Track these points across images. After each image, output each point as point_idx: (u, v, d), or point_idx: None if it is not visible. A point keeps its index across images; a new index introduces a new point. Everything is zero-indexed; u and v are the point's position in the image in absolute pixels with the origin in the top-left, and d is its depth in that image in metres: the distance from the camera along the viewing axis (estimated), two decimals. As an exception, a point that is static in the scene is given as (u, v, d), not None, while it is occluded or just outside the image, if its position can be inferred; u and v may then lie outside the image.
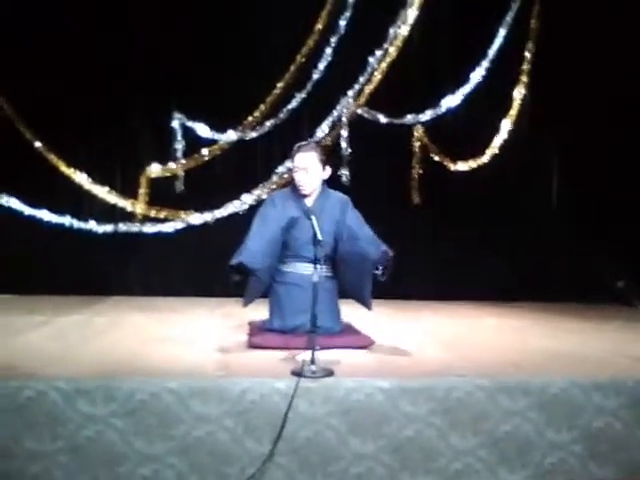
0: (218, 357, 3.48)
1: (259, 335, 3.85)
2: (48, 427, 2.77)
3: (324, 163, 3.93)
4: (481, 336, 4.44)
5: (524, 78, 6.56)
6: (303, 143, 4.02)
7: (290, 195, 4.00)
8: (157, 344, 3.80)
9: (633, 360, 3.62)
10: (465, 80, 6.44)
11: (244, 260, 3.66)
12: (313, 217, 3.39)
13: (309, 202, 3.94)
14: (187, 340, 3.98)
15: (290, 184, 4.10)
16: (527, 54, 6.55)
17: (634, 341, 4.38)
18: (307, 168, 3.88)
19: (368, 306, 3.91)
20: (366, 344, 3.79)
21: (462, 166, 6.50)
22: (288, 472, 2.84)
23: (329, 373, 3.02)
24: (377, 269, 3.75)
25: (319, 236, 3.30)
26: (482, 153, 6.51)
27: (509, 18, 6.53)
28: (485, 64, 6.46)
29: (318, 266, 3.27)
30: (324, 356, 3.22)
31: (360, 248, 3.78)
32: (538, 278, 6.28)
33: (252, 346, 3.71)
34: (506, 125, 6.55)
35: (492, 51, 6.48)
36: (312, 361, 3.01)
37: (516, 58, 6.54)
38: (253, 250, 3.73)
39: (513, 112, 6.55)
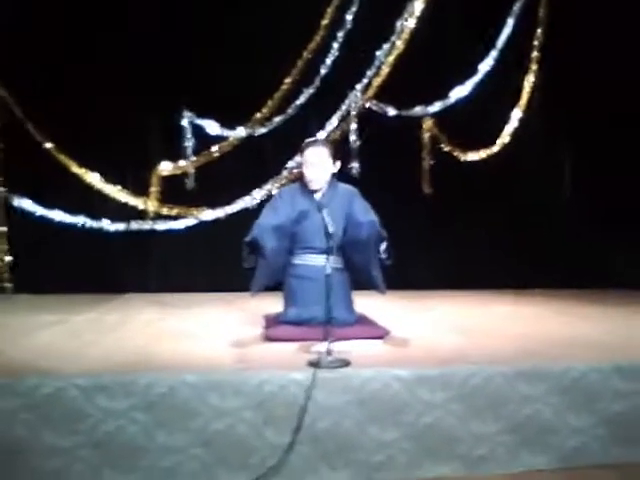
0: (235, 350, 3.48)
1: (274, 328, 3.86)
2: (67, 423, 2.78)
3: (334, 158, 3.94)
4: (496, 324, 4.42)
5: (533, 66, 6.54)
6: (312, 140, 4.04)
7: (299, 189, 4.02)
8: (172, 339, 3.81)
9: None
10: (474, 70, 6.43)
11: (257, 235, 3.65)
12: (324, 210, 3.39)
13: (318, 195, 3.95)
14: (203, 335, 3.99)
15: (299, 179, 4.11)
16: (536, 42, 6.52)
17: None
18: (317, 163, 3.89)
19: (381, 290, 3.86)
20: (381, 334, 3.78)
21: (473, 156, 6.48)
22: (308, 462, 2.84)
23: (346, 363, 3.02)
24: (380, 253, 3.72)
25: (330, 228, 3.30)
26: (493, 143, 6.49)
27: (517, 7, 6.50)
28: (494, 54, 6.44)
29: (330, 258, 3.27)
30: (340, 347, 3.22)
31: (363, 233, 3.76)
32: (552, 265, 6.25)
33: (268, 339, 3.71)
34: (516, 114, 6.52)
35: (500, 41, 6.47)
36: (328, 352, 3.01)
37: (525, 47, 6.52)
38: (263, 226, 3.73)
39: (523, 101, 6.53)
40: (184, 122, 6.24)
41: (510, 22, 6.48)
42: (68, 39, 5.87)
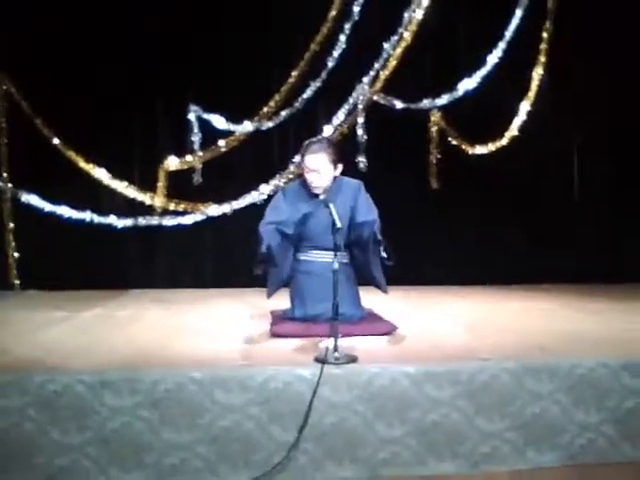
0: (241, 347, 3.48)
1: (281, 324, 3.85)
2: (75, 420, 2.79)
3: (335, 162, 3.89)
4: (505, 319, 4.40)
5: (542, 58, 6.46)
6: (313, 141, 3.96)
7: (303, 187, 3.98)
8: (180, 335, 3.81)
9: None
10: (482, 63, 6.36)
11: (268, 244, 3.60)
12: (331, 205, 3.37)
13: (321, 194, 3.91)
14: (209, 330, 3.99)
15: (302, 176, 4.07)
16: (545, 34, 6.45)
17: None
18: (318, 170, 3.85)
19: (382, 288, 3.88)
20: (388, 330, 3.77)
21: (481, 149, 6.43)
22: (314, 458, 2.83)
23: (352, 359, 3.02)
24: (380, 252, 3.69)
25: (338, 224, 3.28)
26: (501, 136, 6.43)
27: (525, -1, 6.44)
28: (502, 46, 6.37)
29: (338, 253, 3.26)
30: (347, 343, 3.21)
31: (365, 233, 3.74)
32: (562, 260, 6.20)
33: (274, 335, 3.71)
34: (525, 107, 6.46)
35: (509, 32, 6.39)
36: (335, 348, 3.00)
37: (533, 39, 6.44)
38: (271, 234, 3.71)
39: (532, 93, 6.46)
40: (191, 116, 6.22)
41: (518, 13, 6.40)
42: (76, 34, 5.87)
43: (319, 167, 3.84)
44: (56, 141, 6.10)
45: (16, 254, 6.14)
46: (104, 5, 5.89)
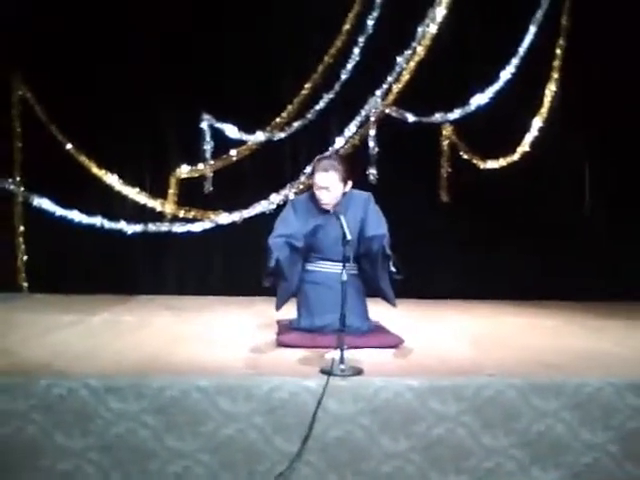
0: (247, 355, 3.49)
1: (287, 334, 3.85)
2: (79, 424, 2.80)
3: (345, 180, 3.90)
4: (511, 335, 4.37)
5: (555, 75, 6.45)
6: (324, 156, 4.02)
7: (311, 201, 3.98)
8: (186, 342, 3.82)
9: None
10: (495, 78, 6.36)
11: (277, 258, 3.61)
12: (342, 217, 3.38)
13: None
14: (216, 338, 4.00)
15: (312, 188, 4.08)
16: (558, 51, 6.45)
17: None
18: (328, 187, 3.86)
19: (391, 302, 3.88)
20: (395, 343, 3.76)
21: (492, 164, 6.43)
22: (317, 470, 2.83)
23: (358, 372, 3.01)
24: (390, 266, 3.68)
25: (348, 236, 3.29)
26: (513, 151, 6.42)
27: (539, 15, 6.44)
28: (515, 62, 6.37)
29: (347, 265, 3.26)
30: (353, 355, 3.21)
31: (374, 247, 3.74)
32: (568, 277, 6.17)
33: (280, 345, 3.71)
34: (537, 123, 6.46)
35: (522, 49, 6.39)
36: (341, 360, 3.00)
37: (547, 55, 6.44)
38: (280, 246, 3.71)
39: (544, 110, 6.45)
40: (203, 125, 6.26)
41: (532, 30, 6.41)
42: (92, 41, 5.92)
43: (329, 185, 3.85)
44: (69, 146, 6.14)
45: (25, 257, 6.18)
46: (122, 12, 5.94)
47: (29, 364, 3.17)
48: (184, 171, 6.31)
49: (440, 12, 6.36)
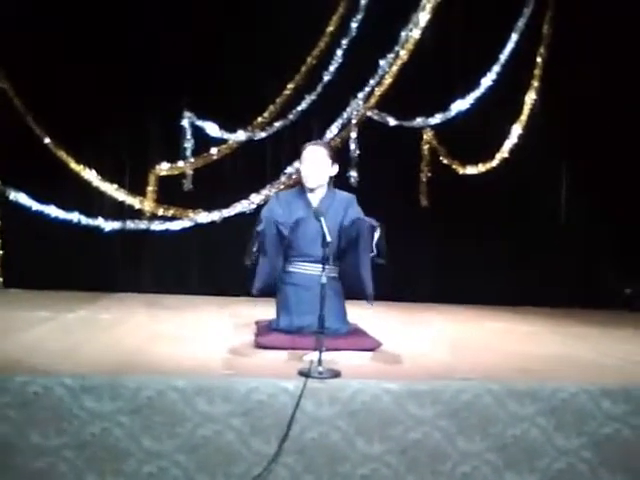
0: (225, 356, 3.47)
1: (266, 335, 3.84)
2: (54, 423, 2.75)
3: (333, 160, 3.94)
4: (488, 340, 4.42)
5: (535, 83, 6.54)
6: (313, 141, 4.07)
7: (296, 195, 4.00)
8: (164, 341, 3.79)
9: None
10: (476, 84, 6.43)
11: (266, 225, 3.62)
12: (322, 218, 3.38)
13: (315, 202, 3.93)
14: (194, 338, 3.98)
15: (297, 185, 4.09)
16: (539, 59, 6.53)
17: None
18: (314, 161, 3.89)
19: (369, 298, 3.70)
20: (373, 346, 3.76)
21: (471, 170, 6.49)
22: (294, 472, 2.82)
23: (336, 374, 3.01)
24: (372, 250, 3.66)
25: (328, 237, 3.28)
26: (492, 157, 6.49)
27: (521, 23, 6.51)
28: (496, 69, 6.44)
29: (326, 267, 3.25)
30: (331, 357, 3.21)
31: (353, 231, 3.70)
32: (545, 283, 6.25)
33: (258, 346, 3.69)
34: (516, 130, 6.53)
35: (504, 56, 6.47)
36: (319, 362, 3.00)
37: (528, 63, 6.53)
38: (270, 219, 3.71)
39: (524, 117, 6.54)
40: (184, 123, 6.23)
41: (514, 38, 6.49)
42: (71, 35, 5.89)
43: (317, 158, 3.88)
44: (47, 140, 6.07)
45: (0, 252, 6.10)
46: (102, 7, 5.89)
47: (3, 361, 3.11)
48: (164, 168, 6.28)
49: (424, 17, 6.41)
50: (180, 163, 6.27)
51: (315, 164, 3.89)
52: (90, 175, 6.18)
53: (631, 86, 6.20)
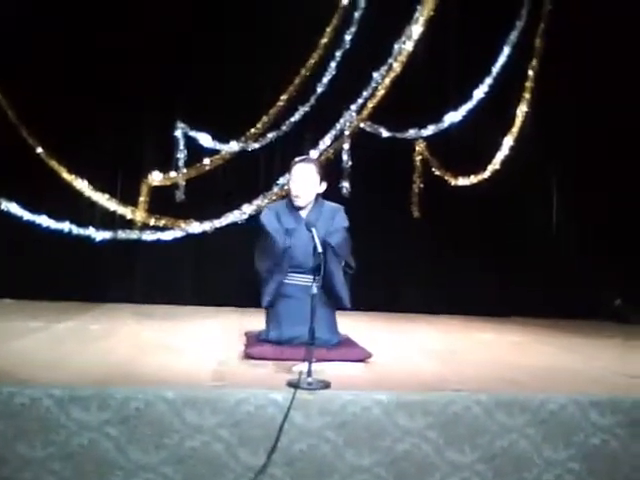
0: (214, 367, 3.46)
1: (255, 346, 3.83)
2: (41, 434, 2.74)
3: (321, 177, 3.95)
4: (478, 351, 4.42)
5: (527, 96, 6.58)
6: (303, 157, 4.06)
7: (285, 207, 4.00)
8: (153, 352, 3.78)
9: (630, 378, 3.60)
10: (468, 96, 6.46)
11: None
12: (314, 229, 3.39)
13: (303, 213, 3.94)
14: (183, 349, 3.96)
15: (285, 197, 4.11)
16: (530, 72, 6.57)
17: (630, 359, 4.37)
18: (304, 179, 3.89)
19: (344, 302, 3.82)
20: (363, 357, 3.76)
21: (463, 181, 6.51)
22: (281, 484, 2.81)
23: (325, 385, 3.00)
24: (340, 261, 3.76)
25: (319, 248, 3.29)
26: (483, 169, 6.52)
27: (513, 37, 6.56)
28: (488, 81, 6.48)
29: (317, 277, 3.26)
30: (321, 368, 3.20)
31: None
32: (535, 294, 6.27)
33: (248, 357, 3.69)
34: (508, 142, 6.56)
35: (496, 69, 6.51)
36: (309, 373, 2.99)
37: (520, 76, 6.56)
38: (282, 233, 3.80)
39: (515, 129, 6.57)
40: (177, 133, 6.23)
41: (506, 51, 6.53)
42: (66, 46, 5.89)
43: (306, 176, 3.89)
44: (40, 150, 6.07)
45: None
46: (98, 17, 5.91)
47: (-8, 371, 3.11)
48: (156, 179, 6.27)
49: (417, 30, 6.45)
50: (172, 173, 6.27)
51: (304, 182, 3.89)
52: (82, 185, 6.17)
53: (622, 99, 6.23)
